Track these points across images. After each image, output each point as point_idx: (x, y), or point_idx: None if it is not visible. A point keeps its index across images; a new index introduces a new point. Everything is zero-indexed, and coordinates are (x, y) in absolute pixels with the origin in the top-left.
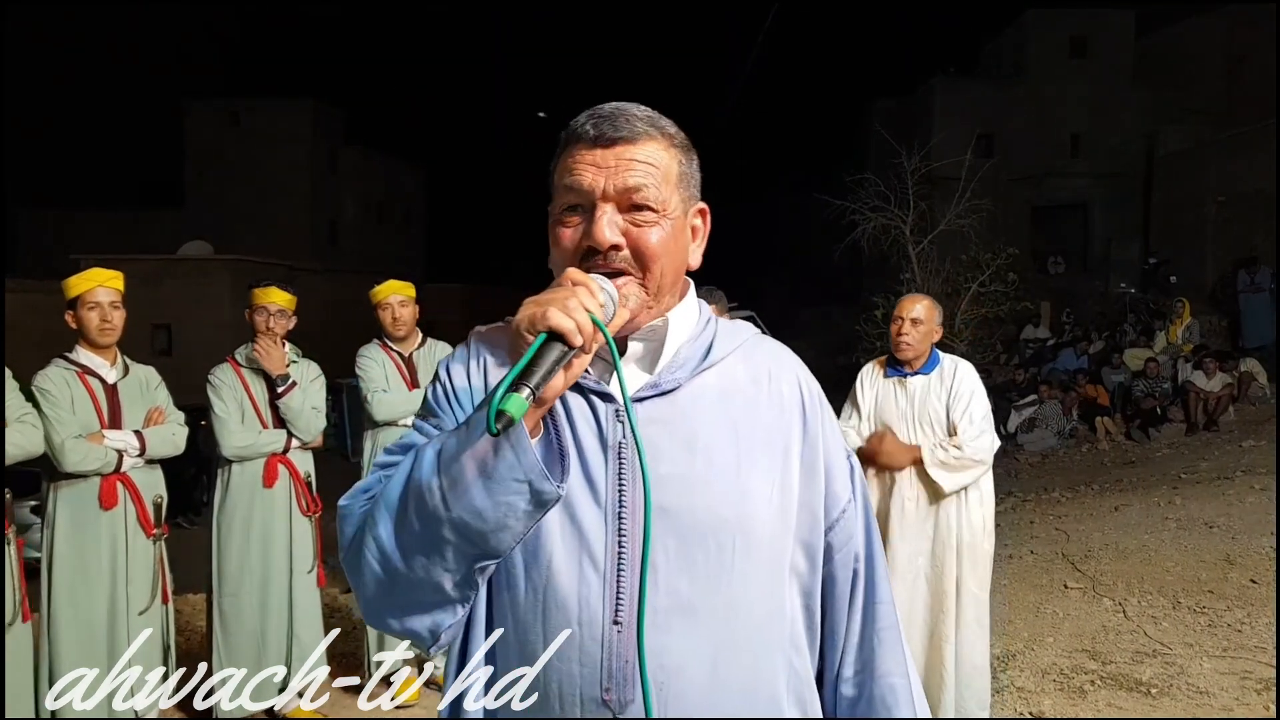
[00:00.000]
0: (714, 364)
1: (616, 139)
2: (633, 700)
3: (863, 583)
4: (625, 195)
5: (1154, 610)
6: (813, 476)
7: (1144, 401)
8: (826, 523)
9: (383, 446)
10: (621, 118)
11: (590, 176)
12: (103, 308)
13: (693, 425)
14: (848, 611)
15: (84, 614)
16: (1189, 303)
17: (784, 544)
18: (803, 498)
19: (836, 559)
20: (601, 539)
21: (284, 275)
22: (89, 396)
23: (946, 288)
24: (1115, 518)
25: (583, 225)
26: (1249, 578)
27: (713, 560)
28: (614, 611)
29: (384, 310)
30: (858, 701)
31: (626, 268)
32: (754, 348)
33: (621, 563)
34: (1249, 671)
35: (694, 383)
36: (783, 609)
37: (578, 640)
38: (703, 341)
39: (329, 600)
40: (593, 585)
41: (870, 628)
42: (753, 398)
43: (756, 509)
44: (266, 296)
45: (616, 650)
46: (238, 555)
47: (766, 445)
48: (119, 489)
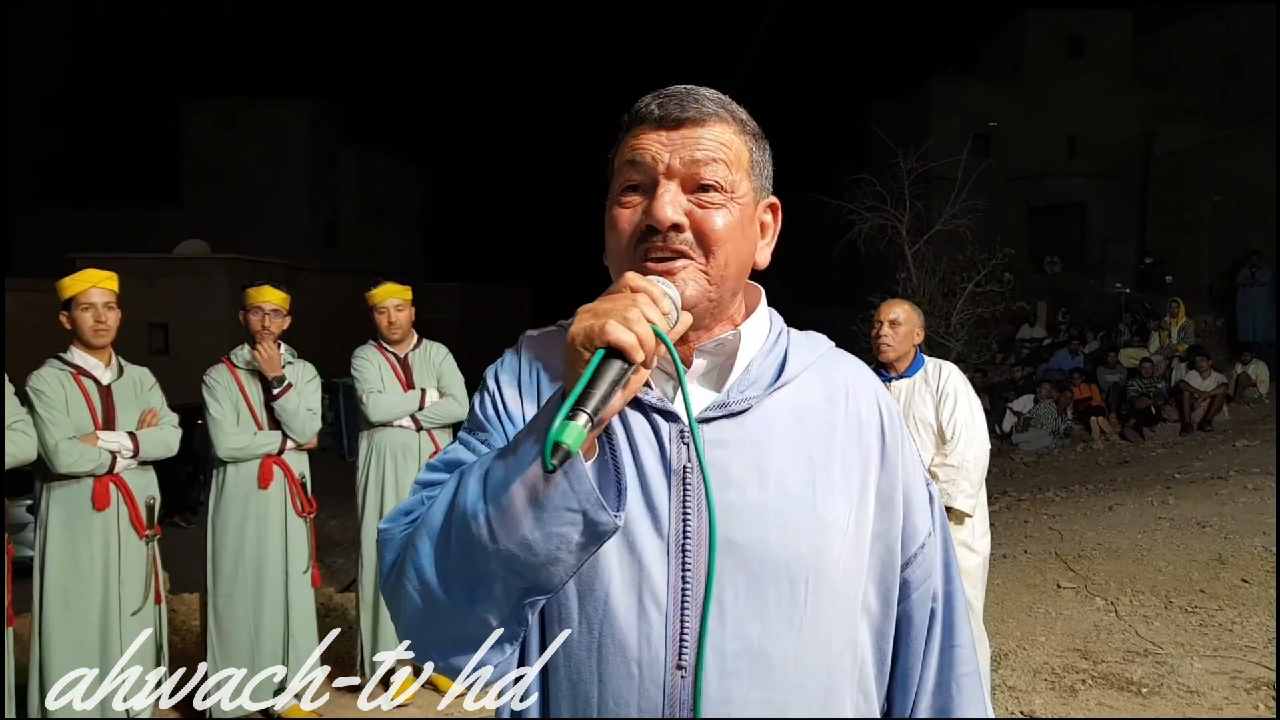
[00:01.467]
0: (788, 382)
1: (684, 119)
2: None
3: (940, 623)
4: (692, 172)
5: (1146, 610)
6: (890, 507)
7: (1139, 401)
8: (903, 558)
9: (377, 447)
10: (690, 97)
11: (655, 151)
12: (97, 309)
13: (765, 450)
14: (923, 655)
15: (77, 615)
16: (1184, 303)
17: (857, 581)
18: (878, 530)
19: (913, 597)
20: (663, 573)
21: (282, 275)
22: (83, 397)
23: (943, 287)
24: (1109, 517)
25: (643, 205)
26: (1240, 577)
27: (785, 600)
28: (678, 654)
29: (380, 313)
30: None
31: (687, 250)
32: (830, 363)
33: (685, 600)
34: (1240, 671)
35: (766, 403)
36: (853, 653)
37: (637, 683)
38: (775, 356)
39: (324, 600)
40: (654, 624)
41: (948, 673)
42: (829, 420)
43: (832, 543)
44: (260, 296)
45: (681, 698)
46: (233, 555)
47: (844, 472)
48: (112, 490)
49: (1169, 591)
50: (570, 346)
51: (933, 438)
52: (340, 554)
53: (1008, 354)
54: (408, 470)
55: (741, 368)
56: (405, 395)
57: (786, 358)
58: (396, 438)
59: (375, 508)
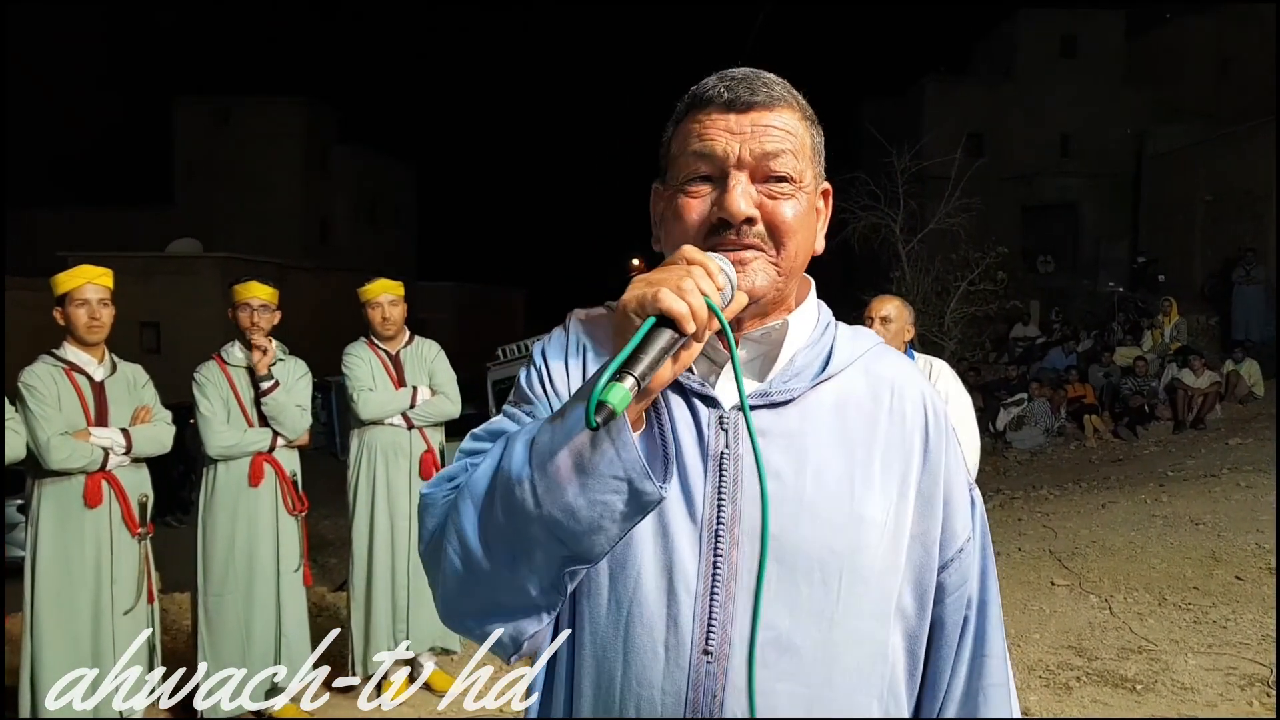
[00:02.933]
0: (833, 376)
1: (753, 103)
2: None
3: (973, 631)
4: (762, 163)
5: (1140, 607)
6: (930, 508)
7: (1132, 399)
8: (941, 561)
9: (368, 445)
10: (759, 81)
11: (724, 142)
12: (91, 305)
13: (804, 442)
14: (954, 661)
15: (68, 613)
16: (1176, 301)
17: (893, 581)
18: (916, 531)
19: (948, 602)
20: (694, 558)
21: (274, 273)
22: (75, 394)
23: (936, 286)
24: (1102, 515)
25: (712, 196)
26: (1234, 574)
27: (817, 594)
28: (704, 639)
29: (373, 309)
30: None
31: (759, 243)
32: (877, 358)
33: (715, 586)
34: (1233, 668)
35: (809, 395)
36: (885, 654)
37: (662, 665)
38: (822, 348)
39: (315, 600)
40: (683, 608)
41: (976, 682)
42: (872, 415)
43: (869, 540)
44: (248, 292)
45: (705, 683)
46: (223, 554)
47: (884, 470)
48: (104, 487)
49: (1163, 589)
50: (621, 313)
51: None
52: (333, 553)
53: (1001, 353)
54: (399, 469)
55: (786, 358)
56: (396, 393)
57: (833, 351)
58: (388, 436)
59: (366, 506)
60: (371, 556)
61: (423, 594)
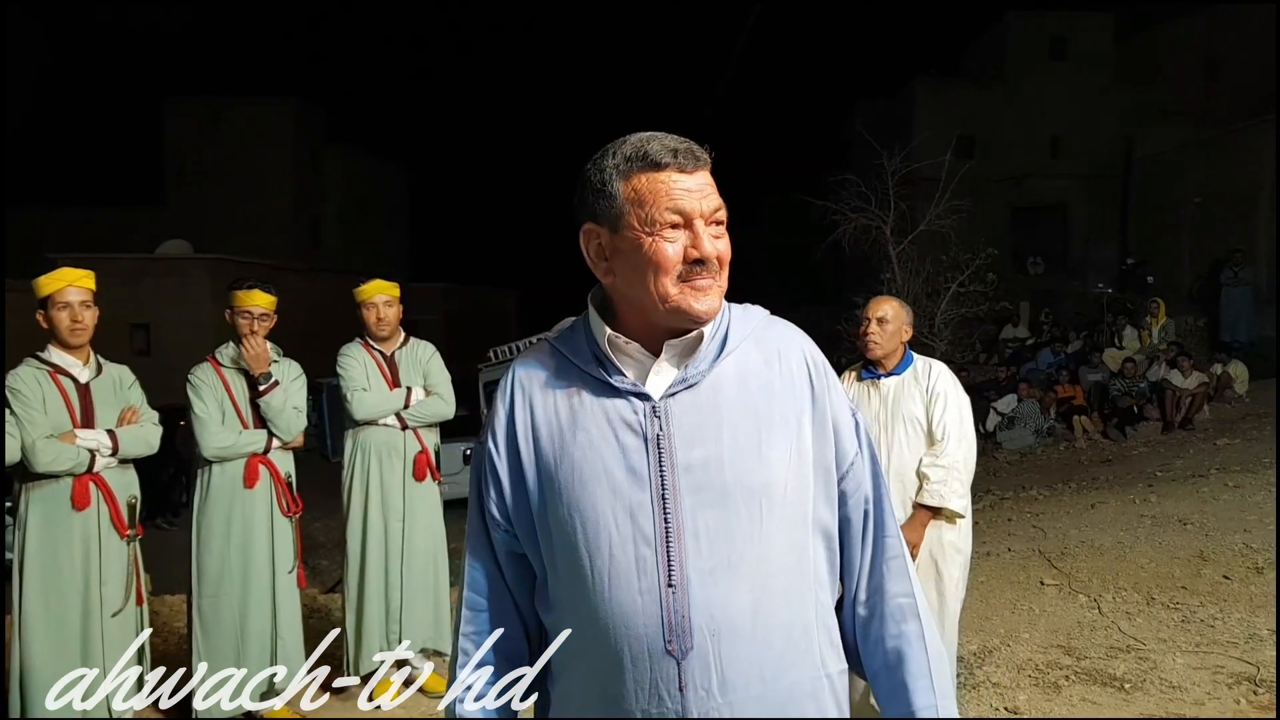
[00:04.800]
0: (730, 353)
1: (696, 169)
2: (692, 648)
3: (873, 521)
4: (712, 215)
5: (1128, 606)
6: (823, 438)
7: (1121, 400)
8: (839, 474)
9: (362, 445)
10: (693, 149)
11: (690, 200)
12: (73, 308)
13: (718, 411)
14: (860, 546)
15: (56, 615)
16: (1165, 303)
17: (805, 500)
18: (816, 457)
19: (849, 503)
20: (649, 517)
21: (265, 275)
22: (60, 396)
23: (926, 288)
24: (1091, 515)
25: (682, 240)
26: (1222, 574)
27: (747, 524)
28: (668, 576)
29: (369, 309)
30: (870, 620)
31: (714, 275)
32: (764, 330)
33: (669, 536)
34: (1221, 666)
35: (714, 372)
36: (807, 554)
37: (640, 603)
38: (719, 333)
39: (308, 601)
40: (647, 557)
41: (880, 557)
42: (766, 379)
43: (777, 476)
44: (249, 299)
45: (674, 608)
46: (218, 556)
47: (782, 419)
48: (91, 489)
49: (1151, 588)
50: None
51: (922, 435)
52: (324, 555)
53: (991, 354)
54: (393, 469)
55: (700, 347)
56: (391, 393)
57: (728, 333)
58: (382, 436)
59: (360, 506)
60: (365, 557)
61: (415, 594)
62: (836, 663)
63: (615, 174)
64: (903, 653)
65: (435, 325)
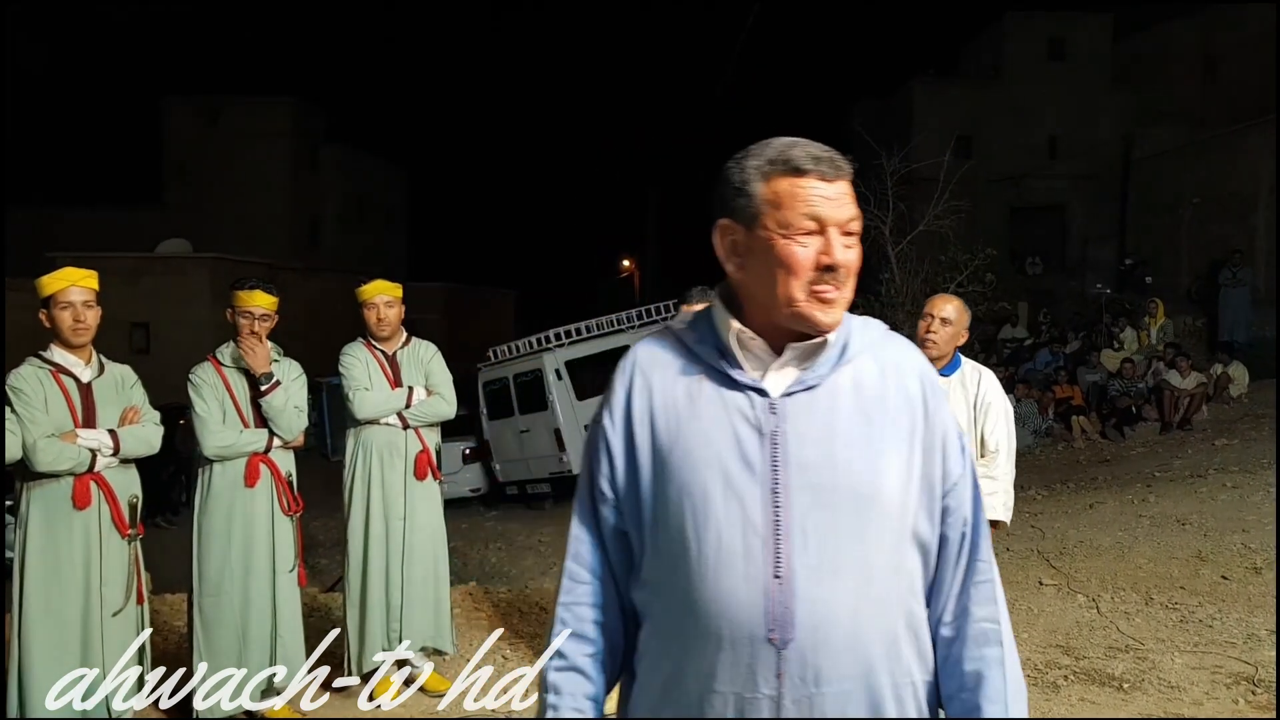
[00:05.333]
0: (849, 361)
1: (835, 177)
2: (793, 639)
3: (968, 544)
4: (846, 224)
5: (1127, 606)
6: (931, 455)
7: (1119, 400)
8: (942, 492)
9: (364, 444)
10: (835, 159)
11: (827, 208)
12: (75, 307)
13: (834, 415)
14: (954, 566)
15: (57, 615)
16: (1163, 303)
17: (908, 512)
18: (923, 472)
19: (948, 522)
20: (759, 511)
21: (264, 274)
22: (62, 395)
23: (925, 288)
24: (1090, 515)
25: (816, 246)
26: (1220, 574)
27: (853, 528)
28: (774, 568)
29: (370, 310)
30: (953, 640)
31: (841, 284)
32: (882, 344)
33: (778, 530)
34: (1219, 666)
35: (833, 377)
36: (905, 564)
37: (744, 592)
38: (840, 340)
39: (309, 600)
40: (755, 547)
41: (970, 580)
42: (882, 391)
43: (885, 485)
44: (251, 300)
45: (779, 599)
46: (219, 555)
47: (894, 431)
48: (93, 489)
49: (1149, 588)
50: None
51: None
52: (324, 554)
53: (989, 354)
54: (394, 468)
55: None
56: (392, 393)
57: (848, 342)
58: (383, 435)
59: (362, 505)
60: (366, 556)
61: (416, 594)
62: (922, 672)
63: (756, 174)
64: (982, 675)
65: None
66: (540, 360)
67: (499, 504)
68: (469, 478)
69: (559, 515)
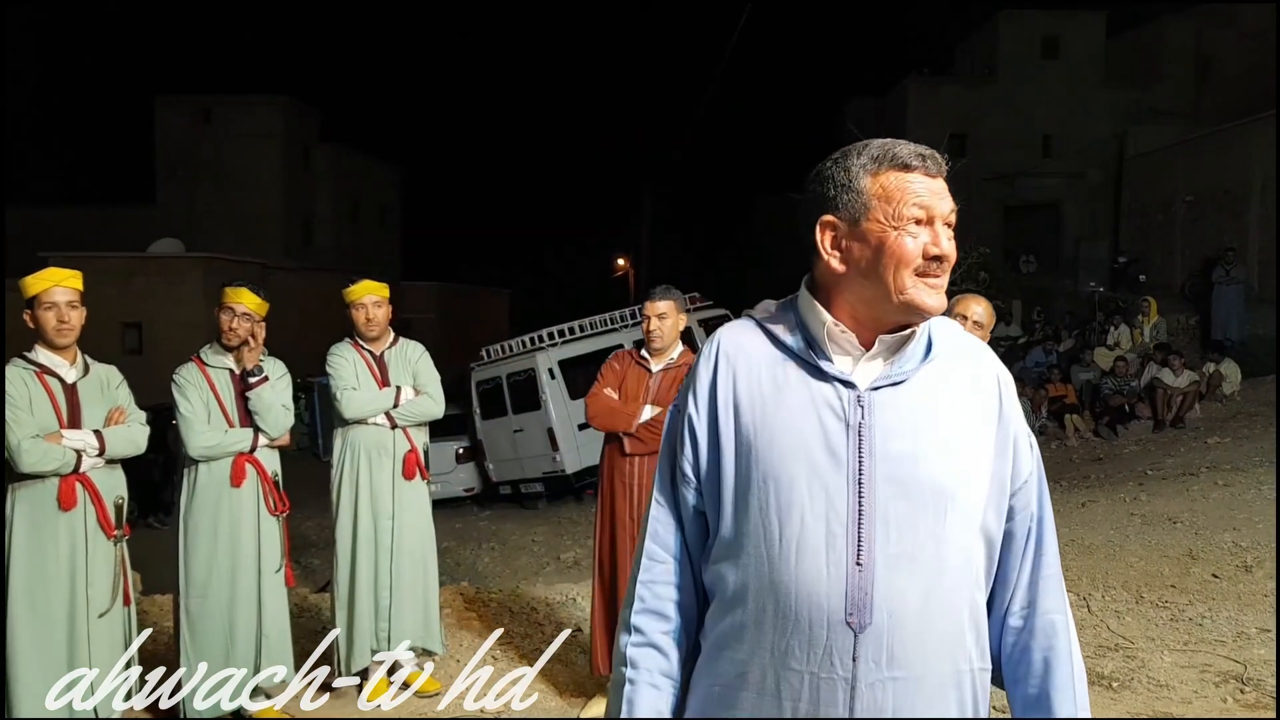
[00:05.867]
0: (934, 359)
1: (938, 174)
2: (870, 624)
3: (1034, 539)
4: (948, 216)
5: (1117, 605)
6: (1004, 454)
7: (1112, 399)
8: (1012, 489)
9: (352, 444)
10: (936, 156)
11: (936, 202)
12: (60, 308)
13: (918, 411)
14: (1021, 560)
15: (42, 616)
16: (1156, 301)
17: (979, 507)
18: (995, 470)
19: (1017, 519)
20: (843, 500)
21: (257, 274)
22: (47, 396)
23: None
24: (1082, 514)
25: (923, 237)
26: (1211, 573)
27: (931, 520)
28: (856, 555)
29: (358, 310)
30: (1022, 631)
31: (943, 273)
32: (961, 344)
33: (861, 518)
34: (1209, 665)
35: (918, 375)
36: (972, 556)
37: (825, 578)
38: (923, 340)
39: (298, 600)
40: (838, 534)
41: (1038, 574)
42: (962, 389)
43: (963, 481)
44: (236, 296)
45: (859, 585)
46: (205, 555)
47: (973, 429)
48: (78, 490)
49: (1140, 586)
50: None
51: None
52: (316, 554)
53: None
54: (382, 468)
55: (909, 346)
56: (380, 393)
57: (931, 342)
58: (371, 435)
59: (350, 505)
60: (355, 556)
61: (405, 594)
62: (980, 660)
63: (863, 171)
64: (1050, 664)
65: (428, 324)
66: (534, 359)
67: (493, 504)
68: (462, 477)
69: (552, 515)
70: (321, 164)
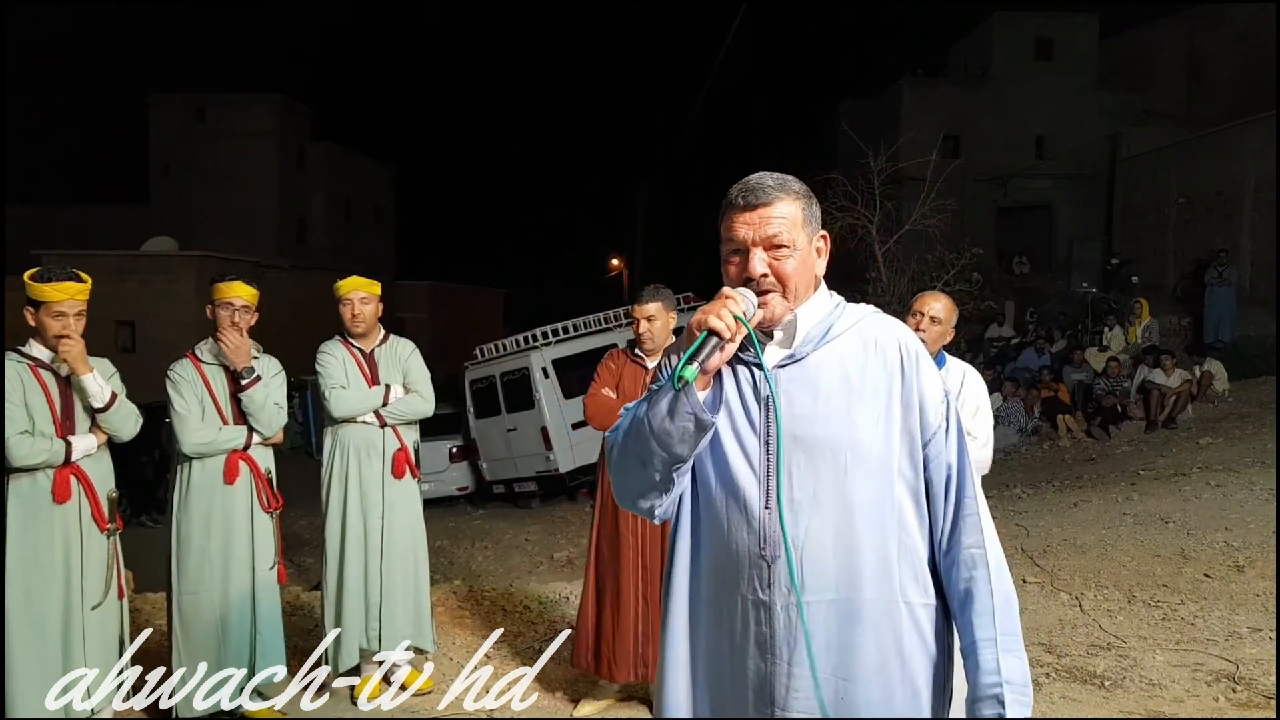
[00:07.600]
0: (834, 338)
1: (757, 204)
2: (779, 556)
3: (955, 484)
4: (768, 241)
5: (1109, 604)
6: (910, 409)
7: (1105, 399)
8: (923, 440)
9: (341, 442)
10: (760, 189)
11: (743, 231)
12: (68, 319)
13: (817, 381)
14: (944, 504)
15: (37, 609)
16: (1149, 302)
17: (890, 456)
18: (903, 425)
19: (932, 466)
20: (758, 454)
21: (250, 272)
22: (42, 391)
23: (912, 287)
24: (1074, 514)
25: (741, 263)
26: (1203, 572)
27: (831, 469)
28: (765, 500)
29: (345, 305)
30: (950, 566)
31: (772, 288)
32: (869, 323)
33: (769, 469)
34: (1200, 664)
35: (819, 352)
36: (891, 500)
37: (744, 518)
38: (826, 323)
39: (290, 598)
40: (753, 485)
41: (959, 516)
42: (863, 361)
43: (862, 434)
44: (230, 291)
45: (767, 523)
46: (198, 552)
47: (873, 391)
48: (72, 483)
49: (1132, 586)
50: (689, 329)
51: None
52: (309, 553)
53: (976, 353)
54: (372, 466)
55: (804, 333)
56: (369, 391)
57: (833, 324)
58: (360, 434)
59: (339, 504)
60: (344, 554)
61: (395, 592)
62: (919, 595)
63: (720, 214)
64: (971, 593)
65: (421, 323)
66: (527, 358)
67: (486, 503)
68: (456, 476)
69: (546, 514)
70: (315, 163)
